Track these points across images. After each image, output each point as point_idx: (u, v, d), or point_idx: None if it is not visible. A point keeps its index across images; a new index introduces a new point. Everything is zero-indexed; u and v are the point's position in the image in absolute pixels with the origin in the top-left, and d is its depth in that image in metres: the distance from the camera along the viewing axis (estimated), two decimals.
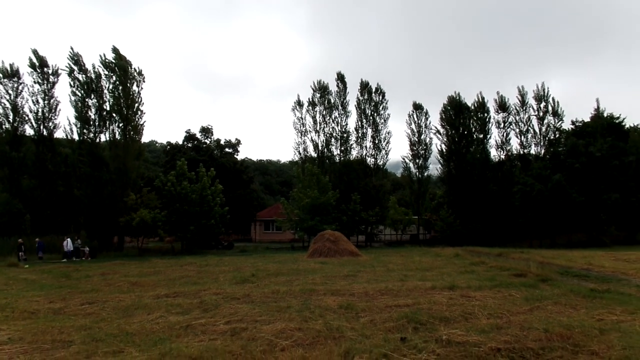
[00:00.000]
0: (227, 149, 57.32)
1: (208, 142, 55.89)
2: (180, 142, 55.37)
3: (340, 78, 46.20)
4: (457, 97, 48.16)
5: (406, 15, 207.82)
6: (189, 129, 56.32)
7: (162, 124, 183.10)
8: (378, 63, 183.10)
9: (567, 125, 48.39)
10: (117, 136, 34.49)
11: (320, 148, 45.65)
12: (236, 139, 59.18)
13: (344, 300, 8.31)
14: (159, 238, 34.47)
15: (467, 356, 4.64)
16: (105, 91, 34.53)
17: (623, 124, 47.44)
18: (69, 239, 27.03)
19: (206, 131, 56.21)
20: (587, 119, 47.94)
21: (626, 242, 34.64)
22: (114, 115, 34.33)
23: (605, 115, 45.63)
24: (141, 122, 35.55)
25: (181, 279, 13.33)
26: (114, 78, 34.38)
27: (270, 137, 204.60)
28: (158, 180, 32.23)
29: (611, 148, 38.07)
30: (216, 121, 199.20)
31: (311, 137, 46.16)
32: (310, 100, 46.04)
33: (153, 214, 30.12)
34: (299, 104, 46.55)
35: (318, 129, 45.71)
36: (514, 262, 16.06)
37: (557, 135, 46.29)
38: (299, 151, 46.43)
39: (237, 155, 58.40)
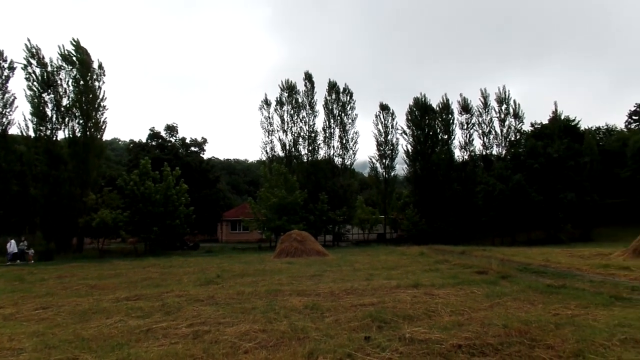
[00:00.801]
0: (192, 148, 56.22)
1: (173, 140, 54.62)
2: (144, 141, 53.84)
3: (308, 78, 46.23)
4: (423, 99, 49.13)
5: (369, 16, 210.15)
6: (153, 127, 54.86)
7: (125, 121, 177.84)
8: (345, 63, 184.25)
9: (527, 127, 50.20)
10: (77, 133, 33.14)
11: (288, 147, 45.56)
12: (202, 138, 58.20)
13: (309, 300, 8.27)
14: (121, 239, 33.43)
15: (429, 353, 4.70)
16: (65, 86, 33.03)
17: (578, 126, 49.64)
18: (12, 241, 25.50)
19: (171, 129, 54.94)
20: (545, 121, 49.83)
21: (581, 239, 36.20)
22: (74, 110, 32.96)
23: (562, 117, 47.56)
24: (103, 119, 34.33)
25: (143, 281, 12.95)
26: (74, 72, 32.93)
27: (237, 136, 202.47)
28: (120, 179, 31.22)
29: (567, 149, 39.72)
30: (182, 119, 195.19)
31: (279, 137, 46.03)
32: (278, 99, 45.89)
33: (115, 214, 29.17)
34: (267, 103, 46.32)
35: (286, 128, 45.60)
36: (476, 259, 16.48)
37: (518, 137, 48.01)
38: (267, 150, 46.21)
39: (203, 154, 57.38)
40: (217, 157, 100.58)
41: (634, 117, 59.35)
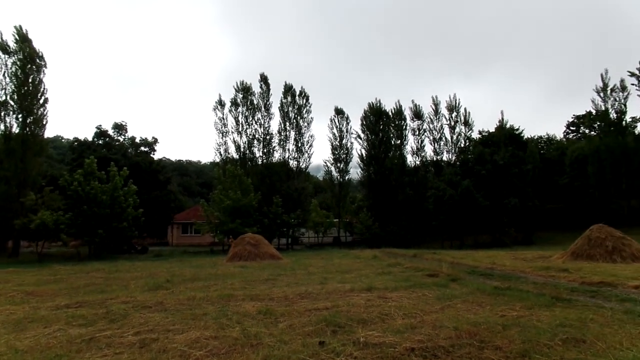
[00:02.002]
0: (142, 148, 54.29)
1: (122, 139, 52.55)
2: (90, 139, 51.36)
3: (264, 79, 45.94)
4: (378, 104, 50.12)
5: (326, 20, 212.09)
6: (100, 125, 52.42)
7: (69, 118, 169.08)
8: (301, 67, 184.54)
9: (475, 134, 52.40)
10: (15, 129, 31.08)
11: (242, 149, 45.04)
12: (153, 138, 56.34)
13: (263, 305, 8.11)
14: (62, 243, 31.61)
15: (383, 357, 4.70)
16: (0, 77, 30.89)
17: (522, 135, 52.37)
18: None
19: (119, 128, 52.80)
20: (492, 129, 52.20)
21: (524, 243, 38.08)
22: (12, 104, 30.86)
23: (507, 126, 49.99)
24: (44, 114, 32.39)
25: (86, 287, 12.25)
26: (16, 62, 30.84)
27: (190, 136, 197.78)
28: (63, 179, 29.51)
29: (512, 157, 41.75)
30: (131, 118, 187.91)
31: (233, 138, 45.43)
32: (233, 100, 45.26)
33: (56, 215, 27.55)
34: (221, 104, 45.60)
35: (240, 130, 45.09)
36: (427, 262, 16.87)
37: (467, 144, 49.96)
38: (221, 152, 45.49)
39: (153, 154, 55.54)
40: (168, 157, 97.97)
41: (571, 128, 63.33)
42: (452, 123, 50.39)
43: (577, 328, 5.56)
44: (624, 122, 42.84)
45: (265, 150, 45.69)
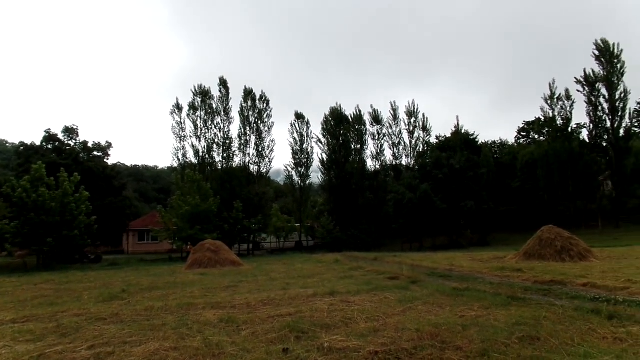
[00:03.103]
0: (96, 153, 51.90)
1: (73, 144, 50.05)
2: (38, 143, 48.68)
3: (223, 83, 45.33)
4: (339, 109, 50.61)
5: (285, 23, 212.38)
6: (50, 129, 49.68)
7: (15, 122, 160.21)
8: (260, 71, 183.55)
9: (433, 139, 53.87)
10: None
11: (201, 154, 44.21)
12: (107, 142, 53.93)
13: (224, 313, 7.95)
14: (7, 253, 29.74)
15: None
16: None
17: (477, 140, 54.32)
18: None
19: (70, 132, 50.25)
20: (448, 134, 53.86)
21: (479, 244, 39.39)
22: None
23: (463, 131, 51.71)
24: None
25: (34, 299, 11.58)
26: None
27: (146, 141, 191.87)
28: (7, 186, 27.82)
29: (467, 161, 43.18)
30: (84, 122, 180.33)
31: (192, 143, 44.51)
32: (191, 104, 44.34)
33: (0, 224, 25.95)
34: (178, 107, 44.58)
35: (199, 134, 44.24)
36: (388, 265, 17.11)
37: (425, 148, 51.28)
38: (179, 157, 44.44)
39: (107, 159, 53.16)
40: (123, 163, 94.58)
41: (522, 134, 66.28)
42: (411, 128, 51.66)
43: (532, 326, 5.77)
44: (569, 129, 45.29)
45: (225, 155, 45.05)
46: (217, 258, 21.08)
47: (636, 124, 51.01)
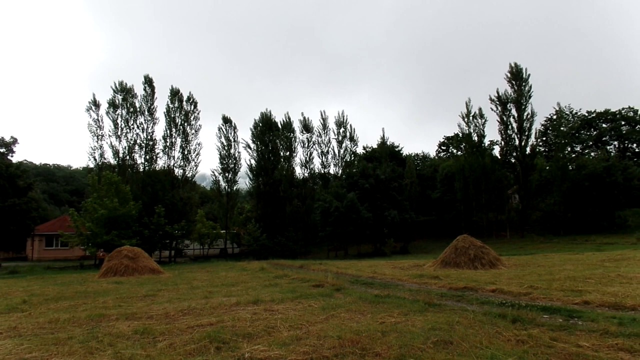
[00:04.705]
0: None
1: None
2: None
3: (148, 82, 43.23)
4: (269, 114, 50.42)
5: (220, 32, 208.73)
6: None
7: None
8: (189, 72, 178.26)
9: (360, 149, 55.51)
10: None
11: (121, 155, 41.63)
12: (12, 137, 49.28)
13: (140, 324, 7.50)
14: None
15: None
16: None
17: (401, 152, 56.79)
18: None
19: None
20: (375, 146, 55.78)
21: (401, 252, 40.99)
22: None
23: (388, 143, 53.80)
24: None
25: None
26: None
27: (58, 138, 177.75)
28: None
29: (392, 172, 44.92)
30: None
31: (111, 142, 41.85)
32: (111, 101, 41.69)
33: None
34: (95, 104, 41.69)
35: (120, 134, 41.68)
36: (313, 273, 17.22)
37: (352, 158, 52.62)
38: (95, 157, 41.48)
39: (12, 156, 48.59)
40: (31, 161, 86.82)
41: (442, 147, 70.32)
42: (340, 138, 52.75)
43: (446, 331, 6.08)
44: (483, 145, 48.84)
45: (148, 157, 42.82)
46: (135, 265, 19.97)
47: (540, 144, 56.35)
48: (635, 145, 61.64)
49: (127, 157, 41.76)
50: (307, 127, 52.28)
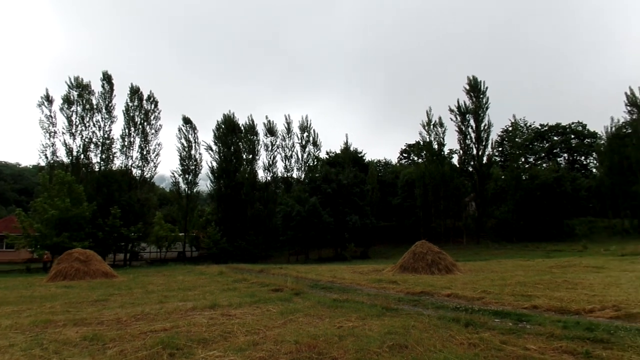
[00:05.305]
0: None
1: None
2: None
3: (107, 78, 41.80)
4: (232, 116, 49.83)
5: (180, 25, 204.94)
6: None
7: None
8: (151, 70, 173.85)
9: (323, 154, 55.79)
10: None
11: (75, 153, 39.88)
12: None
13: (89, 330, 7.19)
14: None
15: None
16: None
17: (364, 157, 57.48)
18: None
19: None
20: (339, 151, 56.25)
21: (362, 257, 41.37)
22: None
23: (352, 149, 54.36)
24: None
25: None
26: None
27: (6, 134, 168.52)
28: None
29: (355, 177, 45.37)
30: None
31: (64, 140, 39.97)
32: (65, 97, 39.92)
33: None
34: (48, 99, 39.74)
35: (74, 131, 39.93)
36: (273, 277, 17.10)
37: (315, 163, 52.78)
38: (47, 155, 39.51)
39: None
40: None
41: (404, 154, 71.68)
42: (304, 142, 52.77)
43: (402, 335, 6.18)
44: (443, 153, 50.24)
45: (104, 156, 41.30)
46: (87, 269, 19.17)
47: (497, 154, 58.52)
48: (583, 157, 65.21)
49: (82, 156, 40.09)
50: (271, 130, 52.01)
